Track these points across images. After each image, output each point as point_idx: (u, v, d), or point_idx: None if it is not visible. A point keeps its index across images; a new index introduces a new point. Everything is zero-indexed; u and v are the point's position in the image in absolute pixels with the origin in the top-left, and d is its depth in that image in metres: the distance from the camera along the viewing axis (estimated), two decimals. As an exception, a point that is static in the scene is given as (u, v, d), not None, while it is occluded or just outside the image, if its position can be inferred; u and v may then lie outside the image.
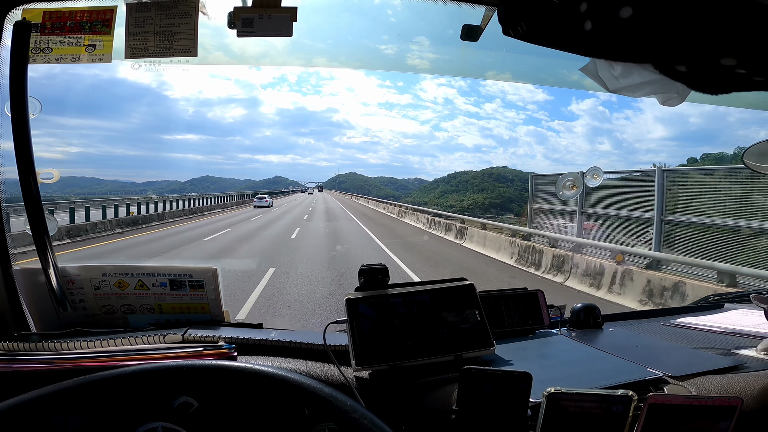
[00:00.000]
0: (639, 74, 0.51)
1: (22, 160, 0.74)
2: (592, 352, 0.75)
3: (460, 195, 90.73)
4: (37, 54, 0.75)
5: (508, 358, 0.72)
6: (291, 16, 0.73)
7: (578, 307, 0.90)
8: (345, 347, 0.71)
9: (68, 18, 0.75)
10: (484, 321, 0.71)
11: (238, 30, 0.74)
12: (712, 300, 1.17)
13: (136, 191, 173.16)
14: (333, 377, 0.68)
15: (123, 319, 0.83)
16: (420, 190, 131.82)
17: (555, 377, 0.65)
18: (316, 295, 4.87)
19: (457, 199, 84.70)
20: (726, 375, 0.65)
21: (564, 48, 0.58)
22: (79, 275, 0.81)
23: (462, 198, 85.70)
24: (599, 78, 0.55)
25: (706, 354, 0.75)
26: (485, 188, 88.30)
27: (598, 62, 0.54)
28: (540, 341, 0.82)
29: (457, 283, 0.75)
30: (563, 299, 0.89)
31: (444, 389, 0.64)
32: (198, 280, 0.81)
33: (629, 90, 0.54)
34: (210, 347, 0.71)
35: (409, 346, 0.68)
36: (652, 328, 0.93)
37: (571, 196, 0.91)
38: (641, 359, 0.70)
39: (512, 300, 0.87)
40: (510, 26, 0.55)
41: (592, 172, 0.90)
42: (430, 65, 1.00)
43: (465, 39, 0.84)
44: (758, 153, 0.94)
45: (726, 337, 0.85)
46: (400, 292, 0.72)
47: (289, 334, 0.78)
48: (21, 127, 0.73)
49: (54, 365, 0.67)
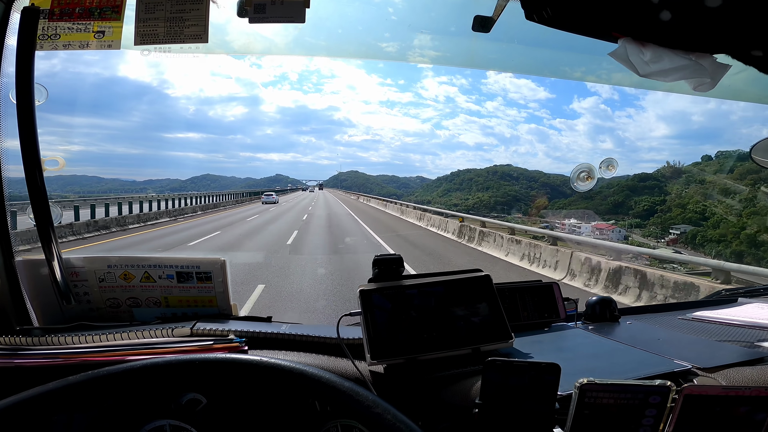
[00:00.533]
0: (670, 60, 0.51)
1: (27, 149, 0.72)
2: (612, 345, 0.73)
3: (464, 193, 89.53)
4: (44, 40, 0.74)
5: (526, 352, 0.70)
6: (304, 2, 0.72)
7: (593, 300, 0.89)
8: (358, 340, 0.69)
9: (77, 4, 0.74)
10: (502, 313, 0.70)
11: (249, 16, 0.73)
12: (725, 294, 1.16)
13: (136, 189, 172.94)
14: (347, 371, 0.66)
15: (128, 312, 0.81)
16: (423, 188, 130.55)
17: (576, 370, 0.63)
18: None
19: (461, 198, 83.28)
20: (755, 367, 0.64)
21: (591, 33, 0.57)
22: (84, 267, 0.78)
23: (466, 196, 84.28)
24: (629, 62, 0.54)
25: (731, 346, 0.73)
26: (490, 186, 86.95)
27: (629, 47, 0.53)
28: (557, 334, 0.80)
29: (473, 274, 0.73)
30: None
31: (462, 383, 0.62)
32: (206, 272, 0.79)
33: (660, 75, 0.53)
34: (220, 341, 0.69)
35: (425, 338, 0.66)
36: (669, 321, 0.91)
37: (586, 187, 0.89)
38: (664, 352, 0.68)
39: (527, 293, 0.85)
40: (533, 10, 0.54)
41: (606, 163, 0.89)
42: (437, 57, 0.99)
43: (477, 30, 0.84)
44: (766, 149, 0.95)
45: (746, 330, 0.84)
46: (416, 284, 0.70)
47: (299, 328, 0.76)
48: (26, 114, 0.71)
49: (59, 360, 0.65)
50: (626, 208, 39.50)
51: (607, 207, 41.37)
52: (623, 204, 40.14)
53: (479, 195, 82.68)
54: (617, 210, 40.25)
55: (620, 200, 40.54)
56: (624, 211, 39.46)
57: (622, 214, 39.27)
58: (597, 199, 41.95)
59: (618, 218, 37.74)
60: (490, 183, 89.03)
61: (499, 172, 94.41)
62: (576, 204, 40.29)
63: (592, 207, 39.27)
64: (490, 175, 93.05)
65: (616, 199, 40.93)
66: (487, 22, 0.82)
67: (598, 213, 37.42)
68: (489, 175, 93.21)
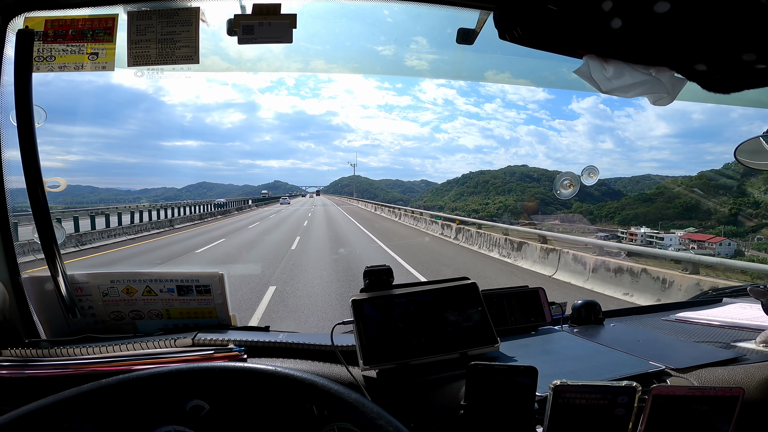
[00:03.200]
0: (630, 75, 0.53)
1: (29, 169, 0.74)
2: (595, 347, 0.76)
3: (482, 197, 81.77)
4: (40, 62, 0.76)
5: (512, 355, 0.73)
6: (290, 23, 0.74)
7: (579, 304, 0.92)
8: (352, 347, 0.72)
9: (70, 26, 0.76)
10: (488, 318, 0.73)
11: (239, 37, 0.74)
12: (711, 294, 1.19)
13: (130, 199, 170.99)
14: (342, 377, 0.70)
15: (132, 324, 0.84)
16: (431, 192, 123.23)
17: (559, 372, 0.66)
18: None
19: (480, 202, 75.56)
20: (727, 367, 0.66)
21: (560, 51, 0.59)
22: (88, 282, 0.82)
23: (485, 200, 76.80)
24: (592, 79, 0.57)
25: (707, 347, 0.76)
26: (512, 189, 78.80)
27: (591, 64, 0.56)
28: (543, 338, 0.83)
29: (459, 282, 0.76)
30: None
31: (451, 386, 0.65)
32: (205, 285, 0.82)
33: (621, 90, 0.55)
34: (220, 350, 0.73)
35: (414, 344, 0.70)
36: (652, 323, 0.94)
37: (569, 195, 0.92)
38: (643, 353, 0.71)
39: (514, 298, 0.88)
40: (506, 30, 0.57)
41: (588, 170, 0.91)
42: (428, 68, 1.01)
43: (461, 43, 0.86)
44: (749, 150, 0.97)
45: (725, 331, 0.87)
46: (405, 293, 0.74)
47: (296, 336, 0.79)
48: (27, 135, 0.73)
49: (68, 370, 0.68)
50: (704, 213, 31.68)
51: (676, 211, 33.55)
52: (696, 208, 32.28)
53: (500, 198, 75.20)
54: (690, 215, 32.33)
55: (692, 203, 33.10)
56: (701, 216, 31.74)
57: (699, 219, 32.04)
58: (659, 201, 33.72)
59: (694, 223, 30.07)
60: (512, 185, 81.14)
61: (518, 173, 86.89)
62: (632, 207, 32.80)
63: (655, 211, 32.67)
64: (507, 176, 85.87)
65: (687, 201, 32.79)
66: (471, 34, 0.84)
67: (665, 218, 31.08)
68: (506, 176, 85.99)
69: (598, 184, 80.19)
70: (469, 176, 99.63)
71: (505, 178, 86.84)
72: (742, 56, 0.37)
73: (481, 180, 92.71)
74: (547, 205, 65.64)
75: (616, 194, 75.34)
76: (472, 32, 0.84)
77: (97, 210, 13.67)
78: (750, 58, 0.37)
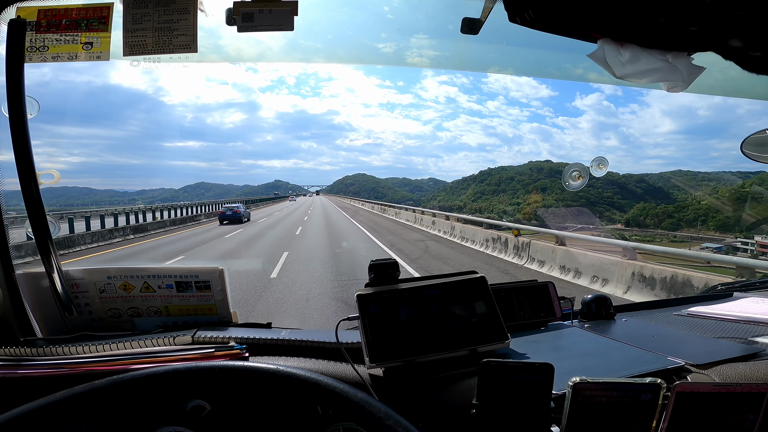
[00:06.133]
0: (646, 60, 0.51)
1: (21, 163, 0.72)
2: (608, 343, 0.74)
3: (509, 196, 71.47)
4: (33, 53, 0.73)
5: (522, 352, 0.71)
6: (291, 10, 0.72)
7: (589, 298, 0.89)
8: (357, 344, 0.70)
9: (63, 16, 0.73)
10: (498, 314, 0.70)
11: (238, 25, 0.72)
12: (721, 289, 1.16)
13: (126, 200, 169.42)
14: (347, 375, 0.67)
15: (130, 322, 0.82)
16: (446, 191, 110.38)
17: (572, 369, 0.64)
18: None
19: (509, 202, 64.67)
20: (748, 363, 0.64)
21: (573, 34, 0.57)
22: (84, 279, 0.79)
23: (515, 200, 65.53)
24: (606, 64, 0.55)
25: (725, 342, 0.74)
26: (546, 187, 65.92)
27: (607, 48, 0.53)
28: (553, 334, 0.81)
29: (467, 276, 0.74)
30: None
31: (460, 384, 0.63)
32: (204, 281, 0.80)
33: (636, 76, 0.53)
34: (221, 348, 0.70)
35: (422, 341, 0.67)
36: (664, 318, 0.92)
37: (578, 186, 0.90)
38: (659, 349, 0.69)
39: (523, 293, 0.86)
40: (516, 13, 0.54)
41: (597, 161, 0.89)
42: (430, 60, 0.98)
43: (465, 32, 0.83)
44: (756, 143, 0.96)
45: (740, 326, 0.84)
46: (411, 287, 0.71)
47: (299, 333, 0.77)
48: (19, 128, 0.71)
49: (64, 370, 0.66)
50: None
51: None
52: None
53: (534, 198, 64.38)
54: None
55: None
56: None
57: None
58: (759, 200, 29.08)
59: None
60: (544, 182, 68.79)
61: (545, 168, 76.37)
62: (718, 209, 25.22)
63: (755, 211, 29.13)
64: (533, 172, 75.62)
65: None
66: (476, 24, 0.81)
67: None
68: (533, 173, 75.40)
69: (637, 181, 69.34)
70: (488, 173, 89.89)
71: (532, 175, 77.23)
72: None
73: (504, 177, 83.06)
74: (594, 205, 52.87)
75: (657, 192, 65.04)
76: (477, 21, 0.81)
77: (74, 213, 12.90)
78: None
